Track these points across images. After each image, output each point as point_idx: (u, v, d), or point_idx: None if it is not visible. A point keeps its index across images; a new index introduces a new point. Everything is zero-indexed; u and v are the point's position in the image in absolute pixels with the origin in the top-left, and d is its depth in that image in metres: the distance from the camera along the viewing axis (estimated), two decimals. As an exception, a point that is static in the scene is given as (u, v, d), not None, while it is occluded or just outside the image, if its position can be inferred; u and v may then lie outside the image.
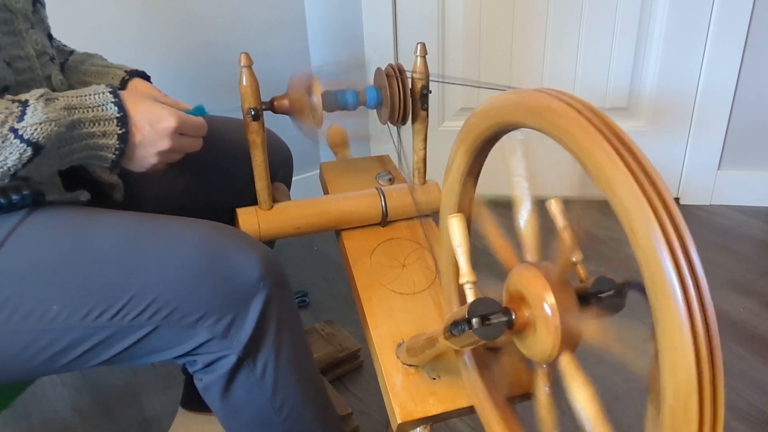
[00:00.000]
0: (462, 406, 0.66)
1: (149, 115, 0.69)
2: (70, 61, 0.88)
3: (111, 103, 0.67)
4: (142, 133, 0.69)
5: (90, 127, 0.65)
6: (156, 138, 0.70)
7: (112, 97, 0.67)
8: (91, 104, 0.66)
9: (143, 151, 0.70)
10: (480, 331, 0.47)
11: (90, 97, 0.66)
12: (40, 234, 0.66)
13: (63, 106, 0.63)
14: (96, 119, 0.66)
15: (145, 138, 0.69)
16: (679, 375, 0.34)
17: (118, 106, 0.67)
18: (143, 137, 0.69)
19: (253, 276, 0.66)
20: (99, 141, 0.66)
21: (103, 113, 0.66)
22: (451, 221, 0.53)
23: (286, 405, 0.72)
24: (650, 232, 0.34)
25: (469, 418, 1.14)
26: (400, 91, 0.83)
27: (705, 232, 1.72)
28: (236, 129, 0.92)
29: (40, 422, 1.22)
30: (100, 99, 0.67)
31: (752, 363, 1.27)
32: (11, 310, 0.63)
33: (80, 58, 0.88)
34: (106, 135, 0.67)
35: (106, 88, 0.68)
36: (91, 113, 0.65)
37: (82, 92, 0.67)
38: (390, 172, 1.01)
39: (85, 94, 0.67)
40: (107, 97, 0.67)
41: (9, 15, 0.70)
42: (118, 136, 0.67)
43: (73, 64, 0.87)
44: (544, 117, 0.42)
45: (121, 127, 0.67)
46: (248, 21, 1.60)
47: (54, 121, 0.61)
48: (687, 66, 1.70)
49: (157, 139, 0.70)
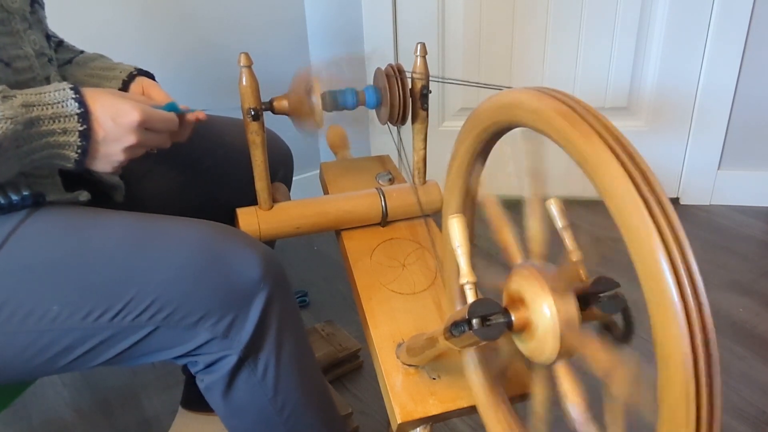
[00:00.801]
0: (462, 406, 0.66)
1: (111, 109, 0.66)
2: (79, 58, 0.87)
3: (71, 99, 0.64)
4: (104, 129, 0.65)
5: (49, 125, 0.63)
6: (120, 133, 0.66)
7: (72, 93, 0.64)
8: (50, 101, 0.63)
9: (107, 148, 0.66)
10: (480, 332, 0.47)
11: (49, 94, 0.63)
12: (40, 234, 0.66)
13: (21, 104, 0.61)
14: (55, 116, 0.63)
15: (108, 134, 0.66)
16: (675, 375, 0.34)
17: (78, 102, 0.64)
18: (106, 133, 0.65)
19: (254, 276, 0.66)
20: (60, 139, 0.63)
21: (63, 110, 0.63)
22: (451, 222, 0.53)
23: (288, 405, 0.72)
24: (646, 234, 0.34)
25: (469, 418, 1.14)
26: (399, 91, 0.83)
27: (705, 232, 1.72)
28: (236, 129, 0.92)
29: (40, 422, 1.22)
30: (60, 96, 0.64)
31: (752, 363, 1.27)
32: (11, 311, 0.63)
33: (90, 56, 0.88)
34: (67, 132, 0.63)
35: (66, 85, 0.65)
36: (50, 110, 0.63)
37: (42, 89, 0.64)
38: (390, 172, 1.01)
39: (45, 91, 0.64)
40: (67, 93, 0.64)
41: (6, 15, 0.69)
42: (80, 133, 0.64)
43: (81, 60, 0.87)
44: (541, 117, 0.42)
45: (82, 123, 0.64)
46: (248, 21, 1.60)
47: (10, 119, 0.59)
48: (687, 66, 1.70)
49: (122, 134, 0.66)
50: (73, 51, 0.88)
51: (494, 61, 1.77)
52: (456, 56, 1.77)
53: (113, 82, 0.83)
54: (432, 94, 0.88)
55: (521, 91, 0.44)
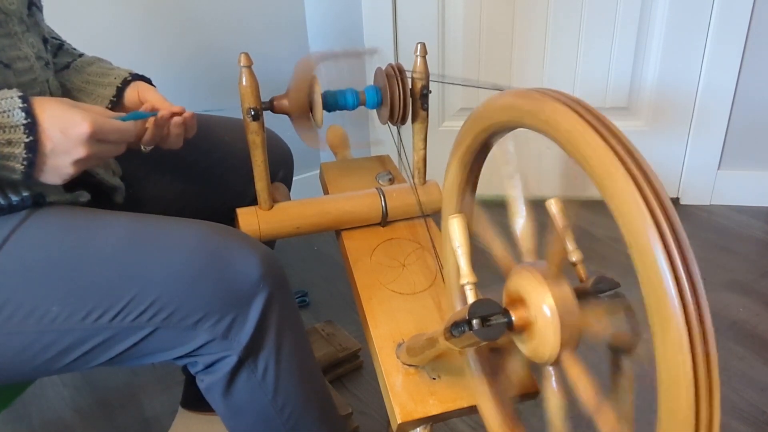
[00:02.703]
0: (462, 406, 0.66)
1: (60, 120, 0.62)
2: (77, 62, 0.86)
3: (18, 109, 0.61)
4: (52, 141, 0.62)
5: None
6: (69, 146, 0.63)
7: (20, 102, 0.61)
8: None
9: (56, 160, 0.63)
10: (480, 332, 0.47)
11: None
12: (40, 235, 0.66)
13: None
14: (1, 126, 0.60)
15: (56, 146, 0.62)
16: (675, 375, 0.34)
17: (25, 111, 0.61)
18: (54, 145, 0.62)
19: (254, 276, 0.66)
20: (3, 150, 0.60)
21: (8, 120, 0.60)
22: (452, 222, 0.53)
23: (288, 405, 0.72)
24: (647, 234, 0.34)
25: (469, 418, 1.14)
26: (400, 91, 0.83)
27: (705, 232, 1.72)
28: (236, 129, 0.92)
29: (40, 422, 1.22)
30: (6, 104, 0.61)
31: (752, 363, 1.27)
32: (11, 311, 0.63)
33: (88, 60, 0.87)
34: (12, 143, 0.60)
35: (15, 93, 0.62)
36: None
37: None
38: (390, 172, 1.01)
39: None
40: (14, 102, 0.61)
41: (3, 17, 0.69)
42: (25, 144, 0.61)
43: (79, 65, 0.86)
44: (541, 118, 0.42)
45: (29, 135, 0.61)
46: (249, 22, 1.60)
47: None
48: (687, 66, 1.70)
49: (71, 146, 0.63)
50: (72, 54, 0.87)
51: (494, 61, 1.77)
52: (456, 56, 1.77)
53: (108, 89, 0.82)
54: (432, 94, 0.88)
55: (522, 91, 0.44)
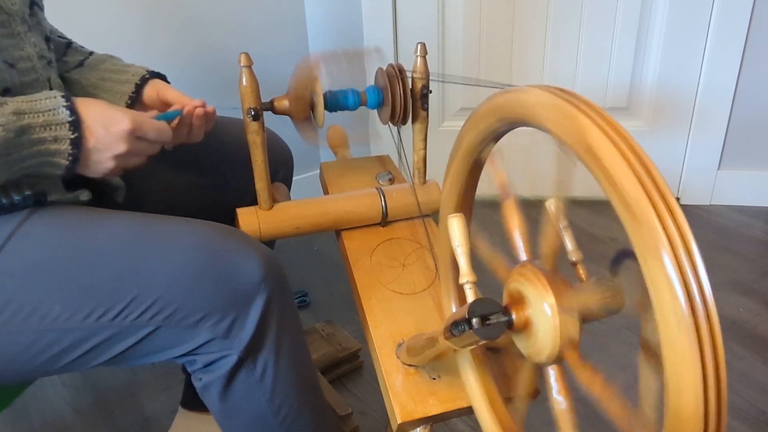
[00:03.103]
0: (462, 406, 0.66)
1: (103, 117, 0.66)
2: (90, 60, 0.87)
3: (62, 107, 0.64)
4: (95, 137, 0.66)
5: (40, 132, 0.63)
6: (111, 141, 0.67)
7: (63, 101, 0.64)
8: (41, 108, 0.63)
9: (98, 155, 0.67)
10: (480, 331, 0.47)
11: (41, 102, 0.64)
12: (42, 234, 0.66)
13: (12, 111, 0.61)
14: (47, 124, 0.63)
15: (99, 142, 0.66)
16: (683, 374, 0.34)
17: (70, 109, 0.64)
18: (97, 141, 0.66)
19: (255, 277, 0.66)
20: (51, 147, 0.64)
21: (54, 117, 0.63)
22: (451, 221, 0.53)
23: (284, 406, 0.72)
24: (654, 234, 0.34)
25: (469, 418, 1.14)
26: (400, 91, 0.83)
27: (705, 232, 1.72)
28: (236, 129, 0.92)
29: (40, 422, 1.22)
30: (51, 103, 0.64)
31: (752, 363, 1.27)
32: (13, 311, 0.63)
33: (101, 58, 0.88)
34: (58, 140, 0.64)
35: (57, 92, 0.65)
36: (41, 118, 0.63)
37: (33, 97, 0.64)
38: (390, 172, 1.01)
39: (36, 98, 0.64)
40: (59, 101, 0.64)
41: (6, 17, 0.69)
42: (71, 140, 0.64)
43: (93, 62, 0.87)
44: (547, 116, 0.42)
45: (74, 131, 0.64)
46: (249, 23, 1.60)
47: (1, 126, 0.59)
48: (687, 66, 1.70)
49: (112, 142, 0.67)
50: (83, 53, 0.88)
51: (494, 61, 1.77)
52: (456, 56, 1.77)
53: (126, 86, 0.83)
54: (432, 94, 0.88)
55: (525, 89, 0.44)
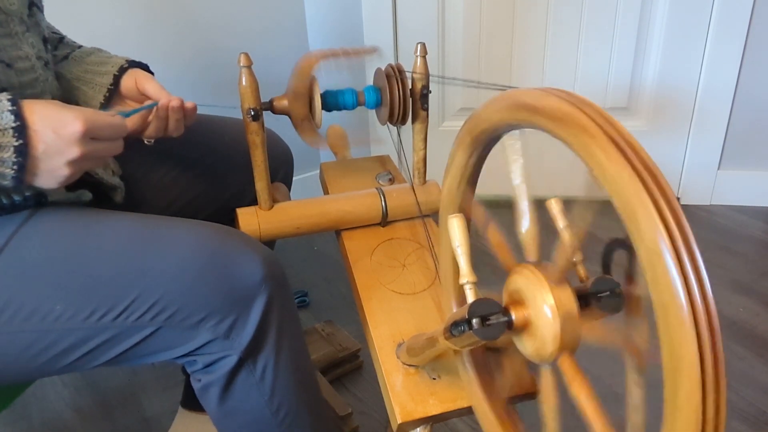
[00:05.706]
0: (462, 406, 0.66)
1: (52, 120, 0.60)
2: (76, 53, 0.85)
3: (7, 111, 0.58)
4: (44, 142, 0.59)
5: None
6: (62, 146, 0.60)
7: (9, 104, 0.58)
8: None
9: (49, 162, 0.60)
10: (480, 332, 0.47)
11: None
12: (42, 235, 0.66)
13: None
14: None
15: (49, 147, 0.59)
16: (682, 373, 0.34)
17: (15, 114, 0.58)
18: (47, 146, 0.59)
19: (256, 278, 0.66)
20: None
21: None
22: (451, 221, 0.53)
23: (284, 406, 0.72)
24: (655, 234, 0.34)
25: (469, 418, 1.14)
26: (399, 91, 0.83)
27: (705, 232, 1.72)
28: (236, 129, 0.92)
29: (40, 422, 1.22)
30: None
31: (752, 363, 1.27)
32: (14, 311, 0.63)
33: (87, 51, 0.86)
34: (1, 148, 0.58)
35: (4, 95, 0.59)
36: None
37: None
38: (390, 172, 1.01)
39: None
40: (3, 104, 0.58)
41: (4, 17, 0.69)
42: (15, 148, 0.58)
43: (78, 55, 0.85)
44: (548, 117, 0.42)
45: (18, 137, 0.58)
46: (249, 24, 1.60)
47: None
48: (687, 66, 1.70)
49: (64, 146, 0.60)
50: (71, 46, 0.86)
51: (494, 61, 1.77)
52: (456, 56, 1.77)
53: (105, 78, 0.81)
54: (432, 94, 0.88)
55: (525, 91, 0.44)
